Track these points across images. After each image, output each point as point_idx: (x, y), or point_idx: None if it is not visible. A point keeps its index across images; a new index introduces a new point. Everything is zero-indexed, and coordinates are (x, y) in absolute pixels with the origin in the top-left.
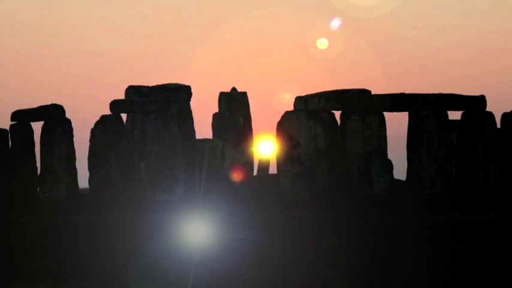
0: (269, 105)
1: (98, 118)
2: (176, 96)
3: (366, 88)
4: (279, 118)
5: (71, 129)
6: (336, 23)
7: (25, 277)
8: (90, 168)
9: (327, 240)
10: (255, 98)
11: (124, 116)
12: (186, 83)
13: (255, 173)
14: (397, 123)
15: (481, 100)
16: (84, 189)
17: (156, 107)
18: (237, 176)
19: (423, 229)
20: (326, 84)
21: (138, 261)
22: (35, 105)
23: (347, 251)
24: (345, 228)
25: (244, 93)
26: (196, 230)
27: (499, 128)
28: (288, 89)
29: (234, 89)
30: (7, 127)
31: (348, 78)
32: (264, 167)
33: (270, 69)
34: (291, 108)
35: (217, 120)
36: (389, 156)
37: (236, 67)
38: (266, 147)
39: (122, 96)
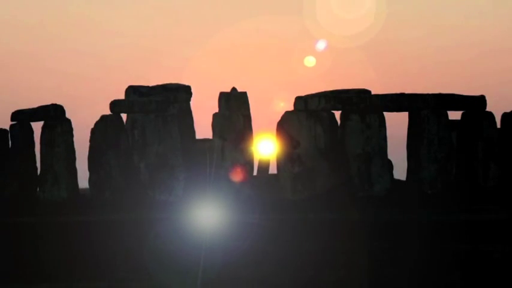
0: (269, 105)
1: (98, 118)
2: (176, 96)
3: (366, 88)
4: (279, 118)
5: (71, 129)
6: (321, 45)
7: (25, 277)
8: (90, 168)
9: (327, 240)
10: (255, 98)
11: (124, 116)
12: (186, 83)
13: (255, 173)
14: (397, 123)
15: (481, 100)
16: (84, 189)
17: (156, 107)
18: (237, 176)
19: (423, 229)
20: (326, 84)
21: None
22: (35, 105)
23: (347, 251)
24: (345, 229)
25: (244, 93)
26: (207, 215)
27: (499, 128)
28: (288, 89)
29: (234, 89)
30: (7, 127)
31: (347, 79)
32: (264, 167)
33: (270, 69)
34: (290, 108)
35: (217, 120)
36: (389, 156)
37: (236, 67)
38: (266, 147)
39: (122, 96)
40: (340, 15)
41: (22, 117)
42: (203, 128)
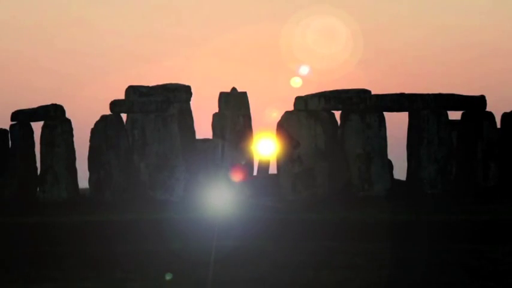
0: (269, 105)
1: (98, 118)
2: (176, 96)
3: (366, 88)
4: (279, 118)
5: (71, 129)
6: (304, 70)
7: (25, 277)
8: (90, 168)
9: (327, 240)
10: (255, 98)
11: (124, 116)
12: (186, 83)
13: (255, 173)
14: (397, 123)
15: (481, 100)
16: (84, 189)
17: (156, 107)
18: (237, 176)
19: (423, 229)
20: (326, 84)
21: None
22: (35, 105)
23: (347, 251)
24: (345, 229)
25: (244, 93)
26: (221, 197)
27: (499, 128)
28: (287, 88)
29: (234, 89)
30: (7, 127)
31: (348, 78)
32: (264, 167)
33: (270, 69)
34: (291, 108)
35: (217, 120)
36: (389, 156)
37: (236, 67)
38: (266, 147)
39: (122, 96)
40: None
41: (22, 117)
42: (203, 128)
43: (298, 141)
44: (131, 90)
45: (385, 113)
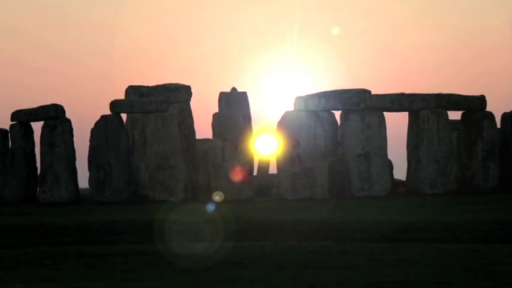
0: (269, 105)
1: (98, 118)
2: (176, 96)
3: (366, 88)
4: (279, 118)
5: (71, 129)
6: (210, 207)
7: (25, 277)
8: (90, 168)
9: (327, 241)
10: (255, 98)
11: (124, 116)
12: (186, 83)
13: (255, 173)
14: (397, 123)
15: (481, 100)
16: (84, 189)
17: (156, 107)
18: (237, 176)
19: (422, 229)
20: (326, 84)
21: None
22: (35, 105)
23: (347, 252)
24: (344, 229)
25: (244, 93)
26: None
27: (499, 128)
28: (288, 88)
29: (234, 89)
30: (7, 127)
31: (348, 78)
32: (264, 167)
33: (270, 69)
34: (291, 108)
35: (217, 120)
36: (389, 156)
37: (236, 67)
38: (266, 147)
39: (122, 96)
40: None
41: (22, 117)
42: (203, 128)
43: (298, 141)
44: (131, 90)
45: (385, 113)
